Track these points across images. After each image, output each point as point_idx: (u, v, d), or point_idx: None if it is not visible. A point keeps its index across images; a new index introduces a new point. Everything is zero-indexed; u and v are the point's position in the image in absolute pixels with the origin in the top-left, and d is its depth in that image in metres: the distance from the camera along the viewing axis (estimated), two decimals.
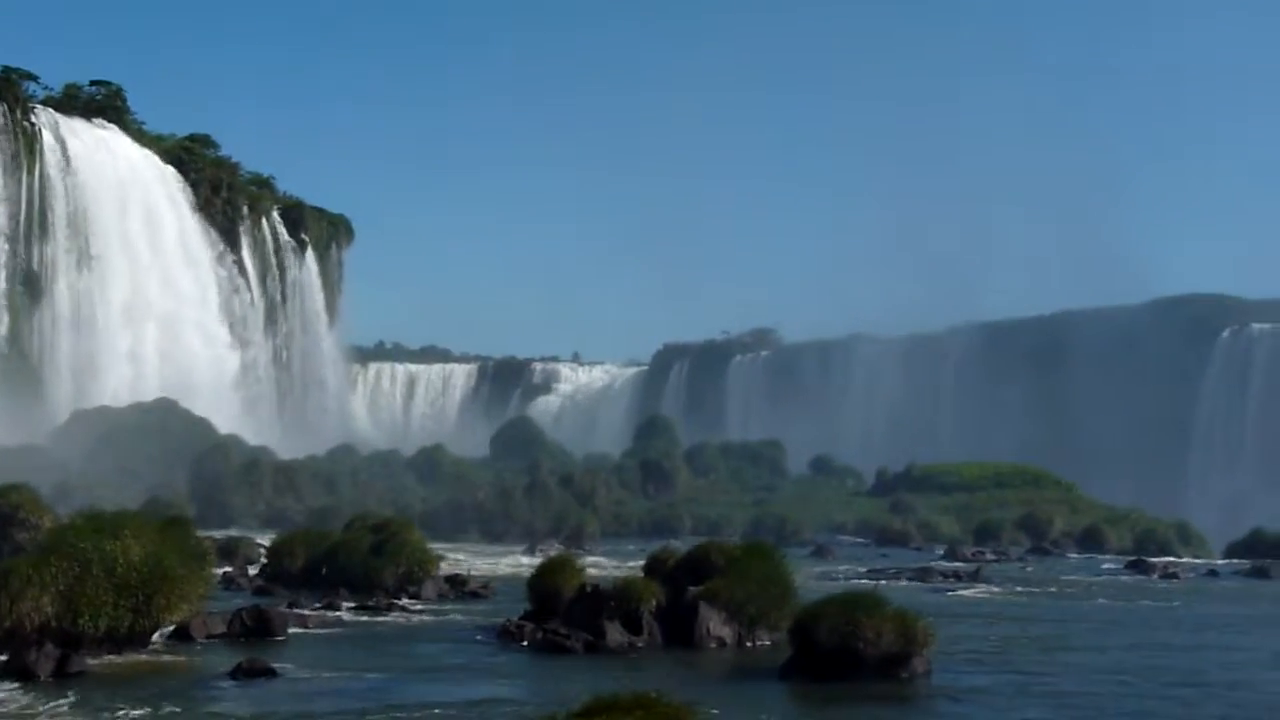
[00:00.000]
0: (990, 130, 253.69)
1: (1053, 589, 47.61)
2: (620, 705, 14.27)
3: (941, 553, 67.14)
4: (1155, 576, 54.60)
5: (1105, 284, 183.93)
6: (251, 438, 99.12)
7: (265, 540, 52.28)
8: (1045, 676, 26.12)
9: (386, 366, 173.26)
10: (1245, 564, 60.56)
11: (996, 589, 46.40)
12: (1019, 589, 46.70)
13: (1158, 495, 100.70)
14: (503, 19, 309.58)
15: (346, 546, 41.95)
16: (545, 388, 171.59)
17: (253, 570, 45.32)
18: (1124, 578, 54.37)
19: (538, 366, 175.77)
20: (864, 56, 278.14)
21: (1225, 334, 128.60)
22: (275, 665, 24.80)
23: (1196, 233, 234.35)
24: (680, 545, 37.82)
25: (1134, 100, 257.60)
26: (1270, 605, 42.69)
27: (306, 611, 34.20)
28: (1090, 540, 77.54)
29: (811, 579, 40.29)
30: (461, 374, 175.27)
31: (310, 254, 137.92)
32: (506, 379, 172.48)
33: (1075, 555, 71.49)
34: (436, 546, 45.74)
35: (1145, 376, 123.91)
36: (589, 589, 30.79)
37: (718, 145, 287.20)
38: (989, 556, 64.98)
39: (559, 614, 30.41)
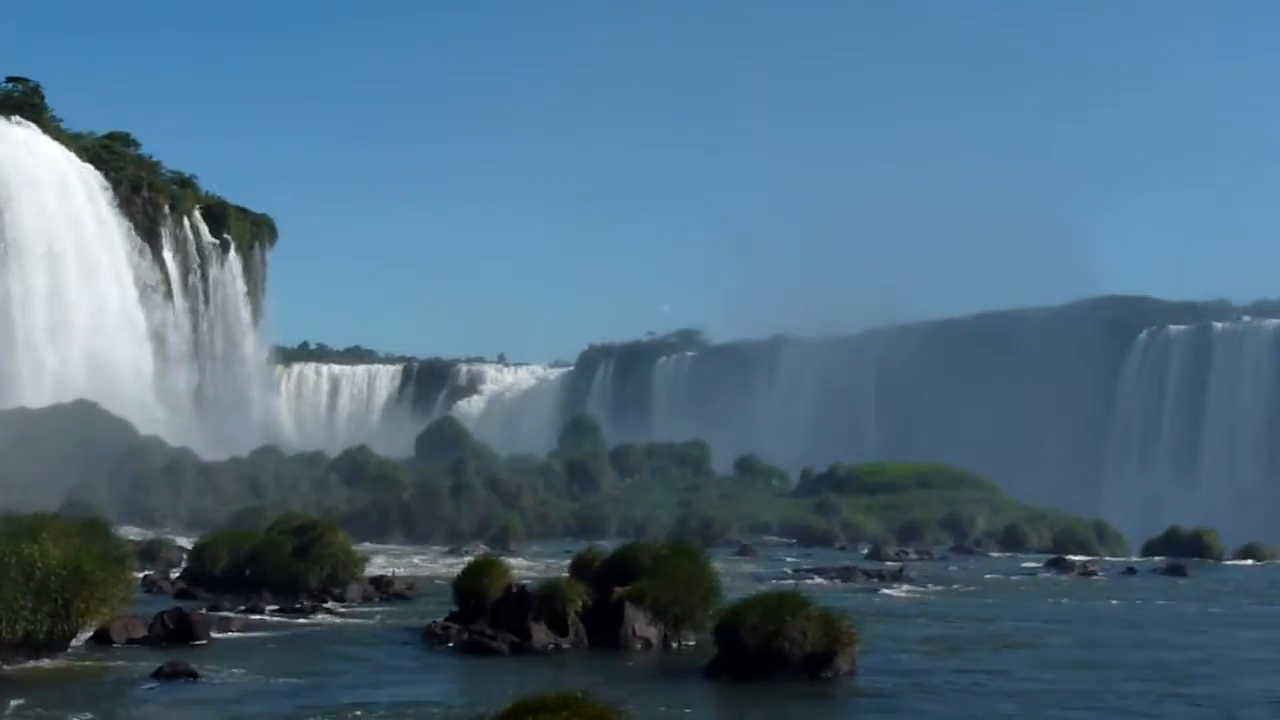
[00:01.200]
0: (921, 131, 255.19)
1: (975, 588, 48.08)
2: (546, 706, 14.27)
3: (866, 552, 67.60)
4: (1074, 574, 55.27)
5: (1034, 285, 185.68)
6: (173, 439, 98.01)
7: (187, 543, 51.82)
8: (968, 675, 26.37)
9: (310, 367, 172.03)
10: (1161, 562, 61.39)
11: (920, 588, 46.78)
12: (942, 588, 47.11)
13: (1077, 494, 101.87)
14: (429, 14, 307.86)
15: (270, 548, 41.60)
16: (470, 389, 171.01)
17: (174, 573, 44.89)
18: (1044, 576, 54.99)
19: (463, 367, 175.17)
20: (793, 56, 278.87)
21: (1143, 335, 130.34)
22: (197, 669, 24.60)
23: (1127, 234, 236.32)
24: (606, 546, 37.82)
25: (1069, 99, 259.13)
26: (1188, 602, 43.30)
27: (229, 614, 33.94)
28: (1011, 539, 78.34)
29: (737, 579, 40.44)
30: (386, 375, 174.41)
31: (233, 254, 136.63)
32: (431, 380, 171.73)
33: (997, 554, 72.20)
34: (361, 548, 45.56)
35: (1065, 377, 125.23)
36: (514, 590, 30.76)
37: (643, 147, 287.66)
38: (912, 556, 65.53)
39: (484, 615, 30.36)
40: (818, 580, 47.47)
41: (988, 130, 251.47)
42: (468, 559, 41.75)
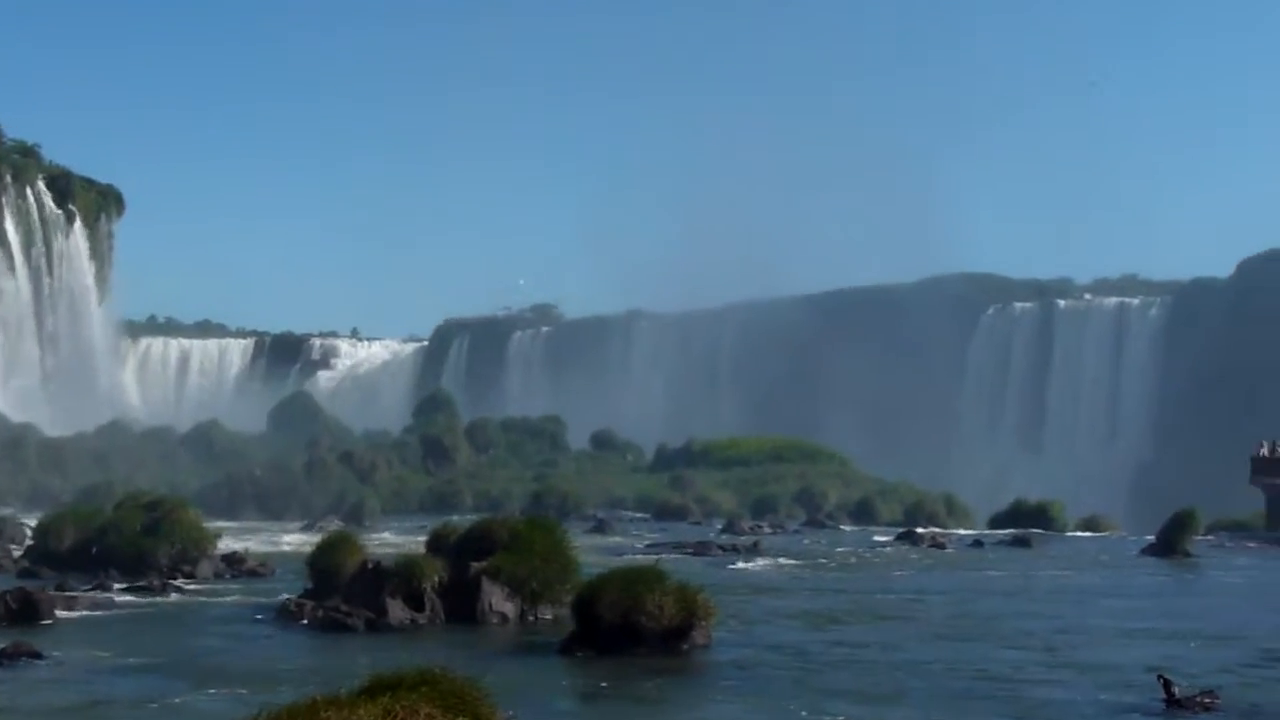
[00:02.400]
0: (787, 108, 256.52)
1: (826, 561, 48.73)
2: (404, 682, 14.23)
3: (720, 527, 68.08)
4: (924, 547, 56.19)
5: (889, 262, 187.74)
6: (16, 415, 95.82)
7: (31, 520, 50.73)
8: (820, 646, 26.78)
9: (158, 341, 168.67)
10: (1007, 534, 62.64)
11: (774, 561, 47.32)
12: (795, 561, 47.69)
13: (928, 468, 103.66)
14: None
15: (117, 526, 40.96)
16: (324, 363, 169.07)
17: (17, 551, 43.94)
18: (894, 548, 55.87)
19: (316, 342, 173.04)
20: (659, 22, 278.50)
21: (990, 312, 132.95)
22: (41, 650, 24.11)
23: (981, 213, 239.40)
24: (462, 521, 37.75)
25: (928, 78, 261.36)
26: (1038, 572, 44.28)
27: (76, 593, 33.31)
28: (863, 513, 79.52)
29: (593, 554, 40.59)
30: (238, 349, 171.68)
31: (79, 225, 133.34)
32: (284, 354, 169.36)
33: (849, 527, 73.16)
34: (212, 525, 44.97)
35: (917, 353, 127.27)
36: (370, 566, 30.60)
37: (497, 117, 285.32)
38: (766, 530, 66.11)
39: (339, 592, 30.16)
40: (673, 555, 47.75)
41: (847, 107, 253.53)
42: (322, 535, 41.42)
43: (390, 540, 49.87)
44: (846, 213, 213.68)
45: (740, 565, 45.71)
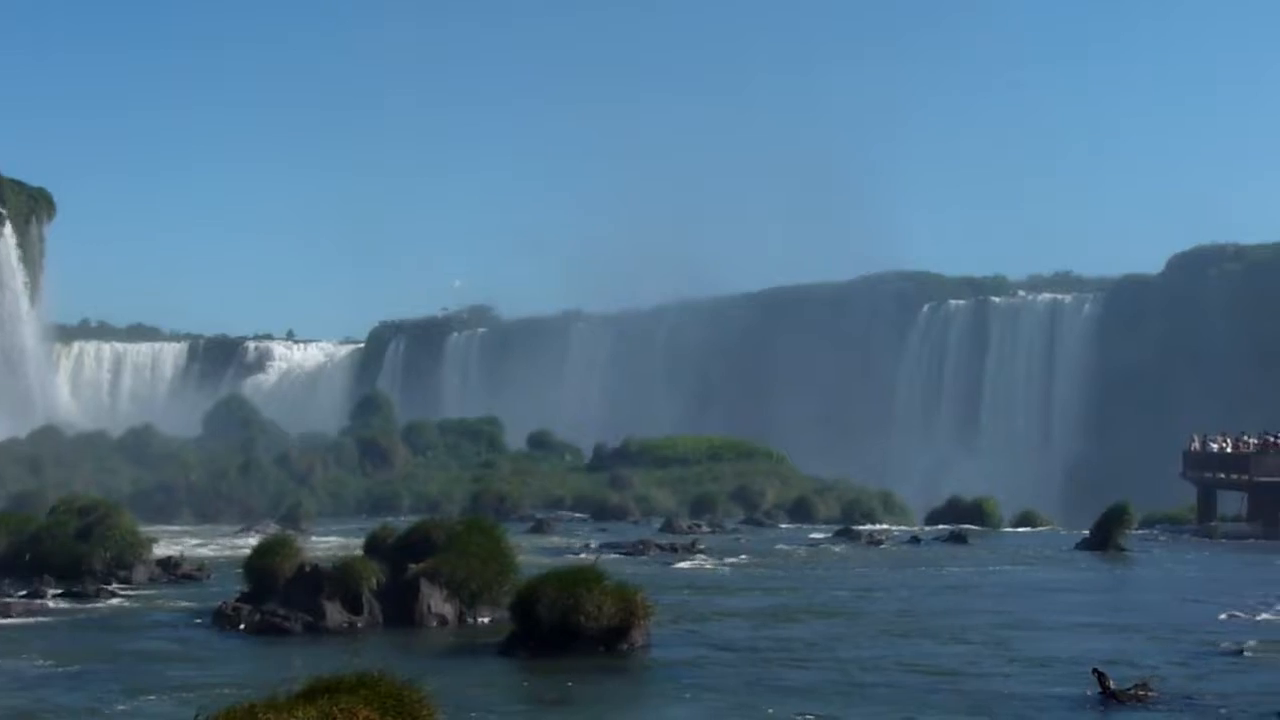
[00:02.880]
0: (723, 105, 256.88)
1: (765, 558, 48.92)
2: (342, 685, 14.23)
3: (659, 526, 68.21)
4: (862, 544, 56.53)
5: (830, 260, 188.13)
6: None
7: None
8: (765, 643, 26.92)
9: (91, 345, 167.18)
10: (944, 530, 63.12)
11: (713, 560, 47.46)
12: (734, 559, 47.85)
13: (864, 466, 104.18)
14: None
15: (51, 531, 40.53)
16: (259, 366, 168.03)
17: None
18: (832, 546, 56.15)
19: (251, 345, 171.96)
20: (598, 33, 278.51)
21: (925, 309, 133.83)
22: None
23: (918, 211, 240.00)
24: (400, 523, 37.68)
25: (872, 75, 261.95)
26: (978, 567, 44.66)
27: (9, 600, 33.01)
28: (800, 510, 79.84)
29: (532, 554, 40.61)
30: (172, 353, 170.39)
31: (8, 228, 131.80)
32: (219, 357, 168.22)
33: (787, 525, 73.46)
34: (148, 529, 44.62)
35: (853, 351, 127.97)
36: (307, 569, 30.47)
37: (429, 121, 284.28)
38: (705, 528, 66.27)
39: (277, 595, 30.02)
40: (612, 554, 47.84)
41: (785, 104, 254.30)
42: (258, 538, 41.19)
43: (328, 543, 49.66)
44: (784, 210, 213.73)
45: (679, 564, 45.81)
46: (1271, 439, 63.95)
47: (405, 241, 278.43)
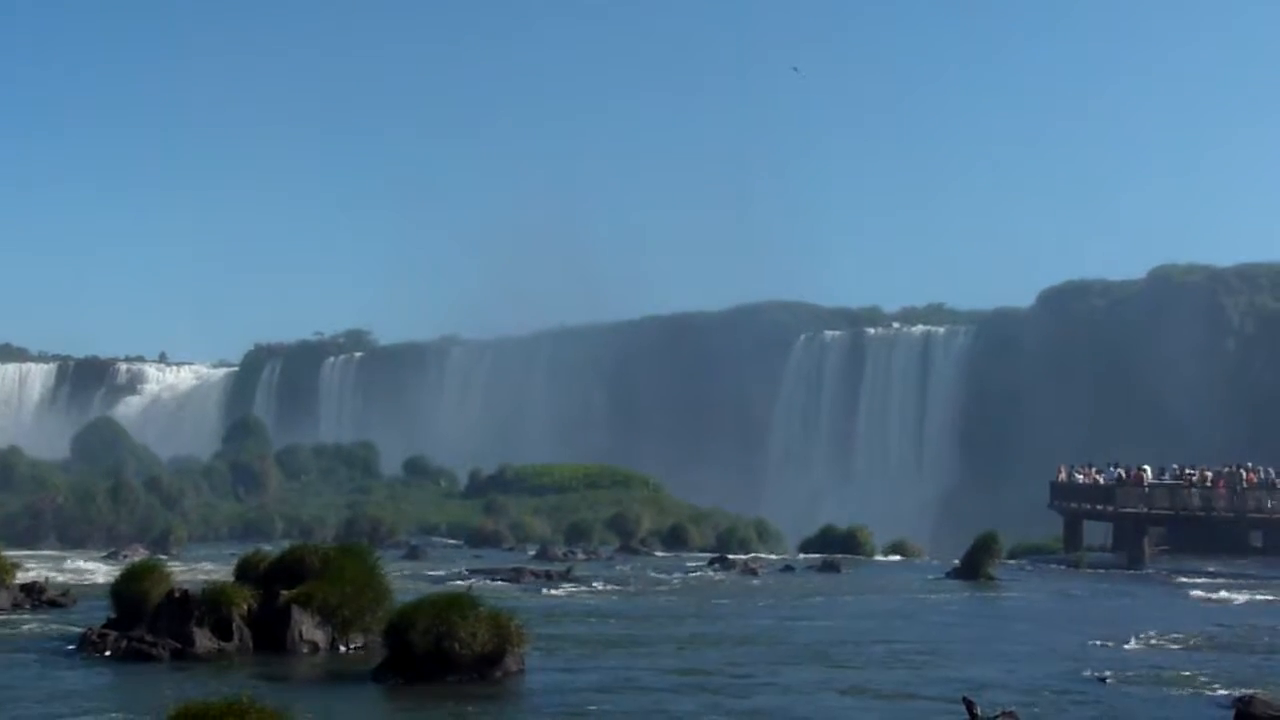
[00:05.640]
0: (610, 133, 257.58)
1: (638, 586, 49.05)
2: (210, 712, 14.10)
3: (534, 553, 68.18)
4: (736, 572, 56.84)
5: (707, 289, 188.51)
6: None
7: None
8: (632, 671, 26.96)
9: None
10: (817, 559, 63.66)
11: (587, 588, 47.50)
12: (608, 587, 47.93)
13: (742, 494, 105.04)
14: None
15: None
16: (130, 388, 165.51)
17: None
18: (707, 574, 56.40)
19: (122, 366, 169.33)
20: (484, 59, 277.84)
21: (801, 339, 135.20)
22: None
23: (799, 241, 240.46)
24: (272, 548, 37.24)
25: (749, 105, 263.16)
26: (843, 594, 45.15)
27: None
28: (675, 539, 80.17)
29: (407, 581, 40.35)
30: (39, 374, 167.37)
31: None
32: (88, 379, 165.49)
33: (662, 553, 73.73)
34: (11, 554, 43.68)
35: (731, 379, 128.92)
36: (177, 594, 30.00)
37: (307, 145, 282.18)
38: (580, 556, 66.37)
39: (145, 621, 29.53)
40: (487, 581, 47.69)
41: (669, 132, 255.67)
42: (127, 563, 40.53)
43: (199, 568, 48.96)
44: (662, 239, 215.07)
45: (553, 591, 45.80)
46: (1134, 470, 65.35)
47: (282, 265, 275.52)
